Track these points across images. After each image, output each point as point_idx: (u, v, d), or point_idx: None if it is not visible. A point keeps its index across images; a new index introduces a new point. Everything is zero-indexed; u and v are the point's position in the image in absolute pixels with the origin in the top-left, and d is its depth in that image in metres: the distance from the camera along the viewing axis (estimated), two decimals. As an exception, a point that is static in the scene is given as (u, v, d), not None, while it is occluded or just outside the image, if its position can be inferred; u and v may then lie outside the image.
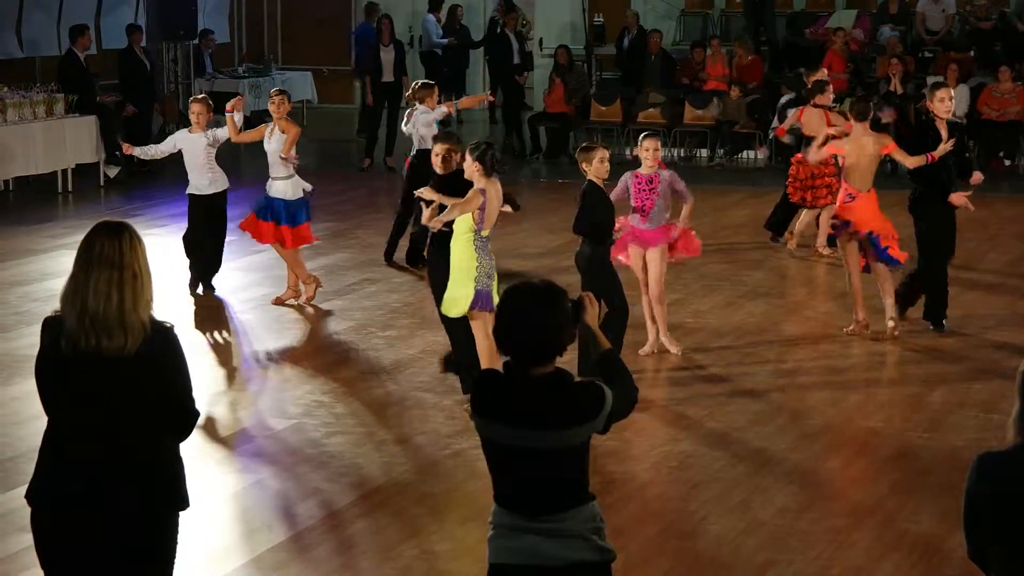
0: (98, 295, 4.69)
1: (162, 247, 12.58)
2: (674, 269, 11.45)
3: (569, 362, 4.88)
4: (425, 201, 9.24)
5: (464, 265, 9.02)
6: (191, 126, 12.17)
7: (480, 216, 8.94)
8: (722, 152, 20.19)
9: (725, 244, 14.38)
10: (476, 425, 4.64)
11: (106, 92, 19.30)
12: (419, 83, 13.44)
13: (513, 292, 4.60)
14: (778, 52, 22.32)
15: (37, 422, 4.99)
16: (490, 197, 8.99)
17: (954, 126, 11.00)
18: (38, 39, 20.09)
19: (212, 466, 8.31)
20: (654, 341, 10.50)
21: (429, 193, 9.17)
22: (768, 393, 9.81)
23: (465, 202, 8.93)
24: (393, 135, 19.42)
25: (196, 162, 12.10)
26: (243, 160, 17.49)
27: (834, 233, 11.13)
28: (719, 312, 11.83)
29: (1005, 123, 19.33)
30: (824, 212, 13.50)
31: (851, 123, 11.34)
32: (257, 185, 12.14)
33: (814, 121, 13.39)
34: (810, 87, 13.94)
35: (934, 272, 11.02)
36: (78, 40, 18.43)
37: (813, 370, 10.52)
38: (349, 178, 18.80)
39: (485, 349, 9.07)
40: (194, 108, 12.17)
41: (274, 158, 11.83)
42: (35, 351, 4.85)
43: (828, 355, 10.78)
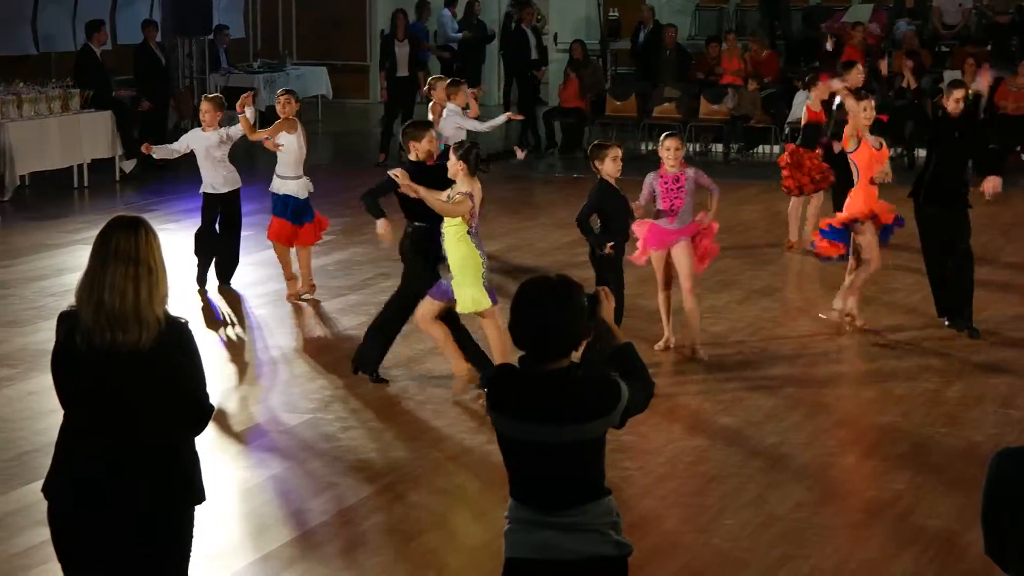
0: (113, 290, 4.69)
1: (177, 242, 12.59)
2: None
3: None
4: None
5: (469, 263, 9.10)
6: (203, 126, 12.13)
7: (473, 214, 9.05)
8: (737, 147, 20.16)
9: (740, 239, 14.35)
10: (492, 420, 4.63)
11: (121, 87, 19.33)
12: (446, 81, 13.56)
13: (528, 287, 4.59)
14: (793, 46, 22.28)
15: (54, 416, 5.00)
16: (477, 196, 9.12)
17: (968, 121, 10.92)
18: (54, 35, 20.13)
19: (226, 461, 8.32)
20: (669, 337, 10.47)
21: (404, 178, 9.20)
22: (784, 388, 9.79)
23: (454, 206, 9.01)
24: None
25: (209, 161, 12.08)
26: (258, 157, 17.51)
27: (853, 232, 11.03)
28: (734, 307, 11.81)
29: (1022, 117, 19.27)
30: (812, 203, 13.62)
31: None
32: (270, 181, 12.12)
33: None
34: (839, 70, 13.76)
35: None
36: (94, 36, 18.46)
37: (829, 365, 10.50)
38: (364, 173, 18.77)
39: (498, 343, 9.14)
40: (203, 107, 12.14)
41: (283, 157, 11.81)
42: (51, 345, 4.85)
43: (844, 350, 10.75)
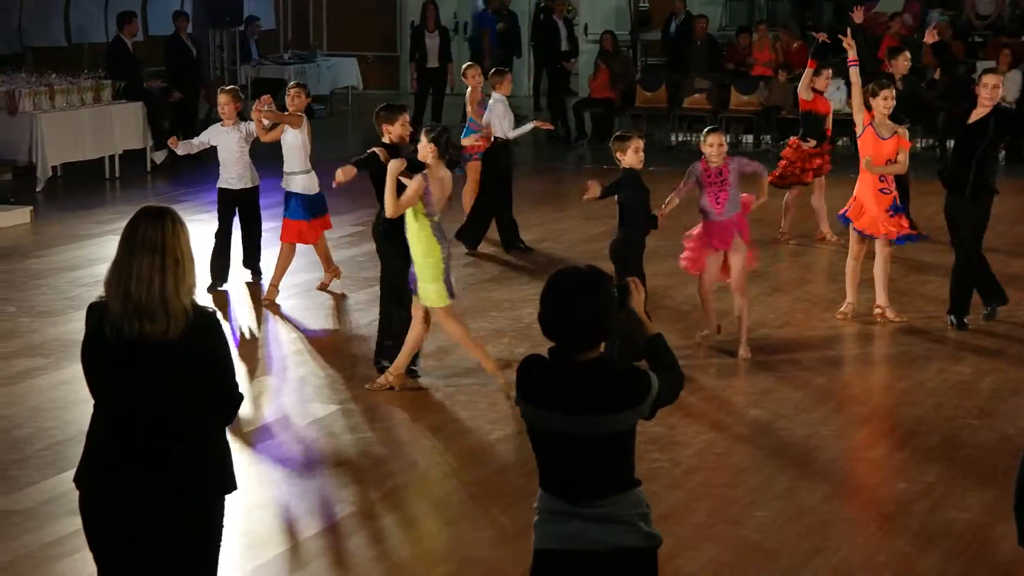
0: (140, 280, 4.70)
1: (207, 233, 12.60)
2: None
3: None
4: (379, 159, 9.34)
5: (430, 259, 9.09)
6: (222, 120, 11.93)
7: (428, 201, 9.02)
8: (768, 138, 20.09)
9: (770, 231, 14.30)
10: (521, 411, 4.63)
11: (153, 79, 19.40)
12: (478, 68, 13.70)
13: (557, 278, 4.58)
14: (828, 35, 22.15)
15: (85, 406, 5.02)
16: (440, 180, 9.09)
17: (1002, 112, 10.81)
18: (86, 26, 20.23)
19: (252, 453, 8.34)
20: (714, 324, 10.28)
21: (384, 154, 9.28)
22: (814, 380, 9.76)
23: (408, 190, 8.98)
24: (438, 120, 19.44)
25: (228, 156, 11.86)
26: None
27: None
28: (764, 299, 11.77)
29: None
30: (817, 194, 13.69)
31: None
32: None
33: None
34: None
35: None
36: (125, 27, 18.54)
37: (860, 357, 10.47)
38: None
39: (461, 336, 9.25)
40: (221, 100, 11.93)
41: (289, 153, 11.60)
42: (82, 336, 4.87)
43: (875, 342, 10.71)
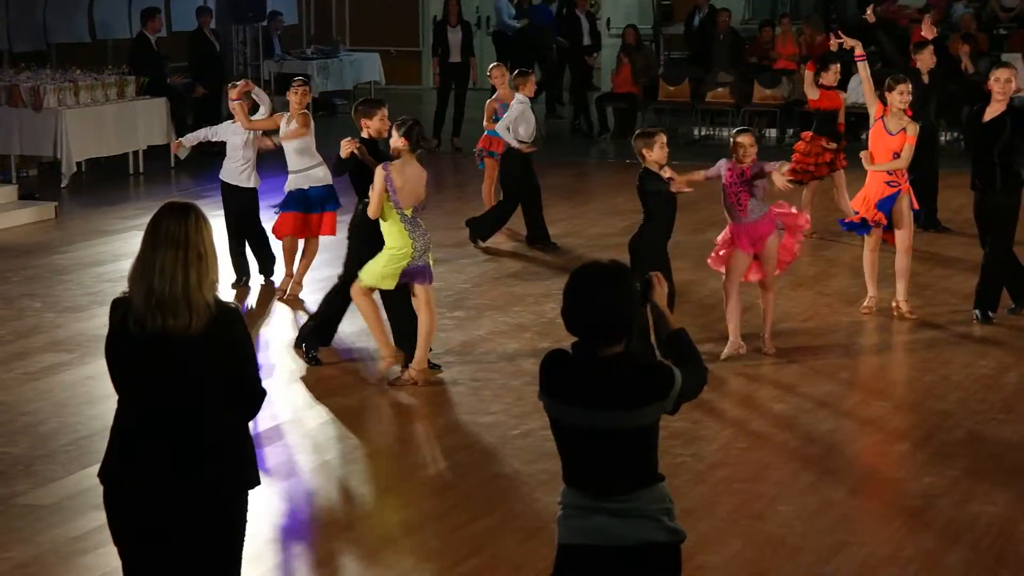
0: (163, 275, 4.72)
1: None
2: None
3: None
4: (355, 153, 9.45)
5: (399, 253, 9.12)
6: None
7: (391, 191, 9.04)
8: (792, 132, 20.02)
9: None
10: (544, 405, 4.63)
11: (176, 74, 19.45)
12: (503, 68, 13.77)
13: (580, 273, 4.58)
14: (849, 30, 22.08)
15: (110, 401, 5.03)
16: (411, 175, 9.12)
17: (1018, 110, 10.66)
18: (109, 22, 20.28)
19: (278, 446, 8.35)
20: (736, 344, 9.95)
21: (351, 144, 9.40)
22: (838, 374, 9.73)
23: (374, 189, 9.05)
24: (460, 116, 19.43)
25: (233, 153, 11.76)
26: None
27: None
28: (788, 293, 11.74)
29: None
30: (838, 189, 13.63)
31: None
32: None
33: None
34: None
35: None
36: (149, 23, 18.60)
37: (884, 351, 10.43)
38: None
39: (425, 322, 9.25)
40: (231, 95, 11.77)
41: (303, 150, 11.41)
42: (106, 331, 4.89)
43: (899, 336, 10.67)
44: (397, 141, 9.17)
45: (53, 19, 19.41)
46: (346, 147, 9.45)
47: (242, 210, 11.87)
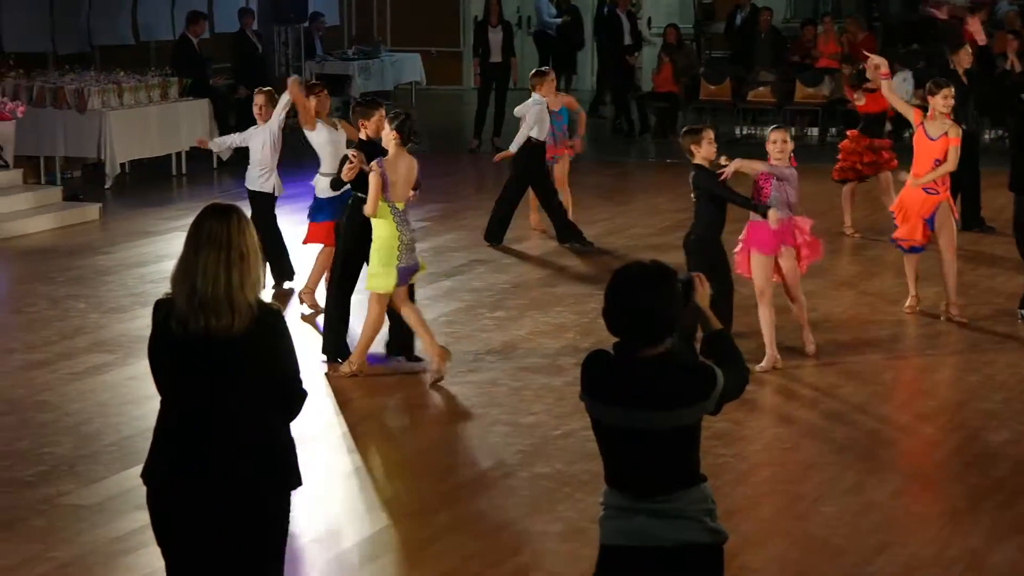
0: (206, 275, 4.74)
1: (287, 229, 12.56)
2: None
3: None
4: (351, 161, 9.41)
5: (386, 244, 9.16)
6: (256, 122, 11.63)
7: (385, 193, 9.09)
8: (834, 131, 19.94)
9: (834, 224, 14.19)
10: (586, 406, 4.63)
11: (218, 75, 19.53)
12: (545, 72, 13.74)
13: (623, 273, 4.57)
14: (892, 28, 21.99)
15: (152, 402, 5.06)
16: (403, 168, 9.16)
17: None
18: (153, 24, 20.40)
19: (322, 447, 8.38)
20: (772, 357, 9.68)
21: (359, 159, 9.35)
22: (881, 375, 9.68)
23: (371, 187, 9.06)
24: (501, 116, 19.44)
25: (254, 157, 11.59)
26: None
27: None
28: (830, 293, 11.68)
29: None
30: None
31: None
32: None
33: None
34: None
35: None
36: (192, 26, 18.73)
37: (927, 352, 10.36)
38: (457, 159, 18.85)
39: (372, 325, 9.34)
40: (257, 100, 11.68)
41: (333, 153, 10.89)
42: (149, 332, 4.91)
43: (942, 337, 10.60)
44: (388, 135, 9.22)
45: (97, 22, 19.54)
46: (348, 173, 9.36)
47: (259, 215, 11.50)
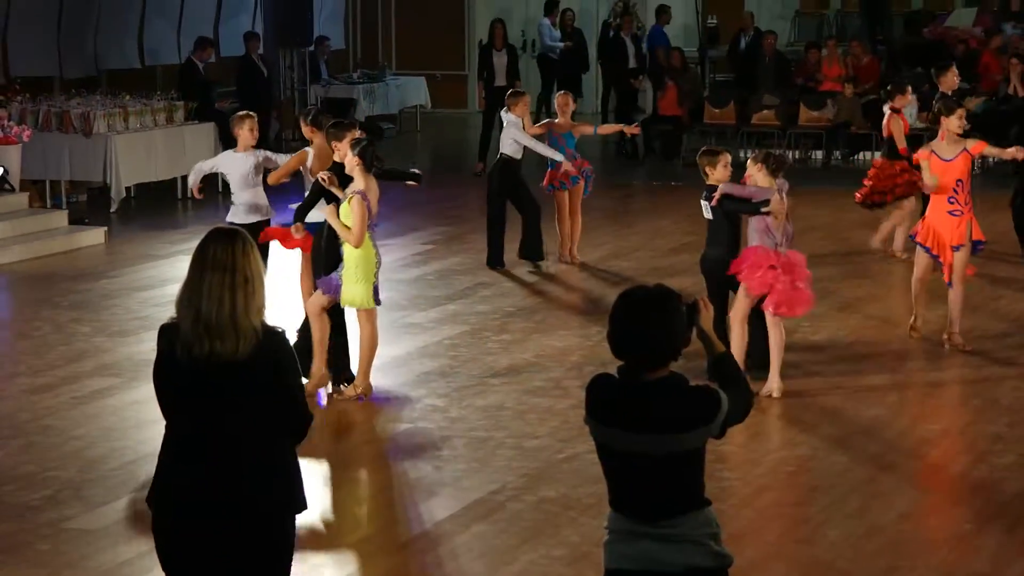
0: (211, 299, 4.75)
1: (275, 254, 12.64)
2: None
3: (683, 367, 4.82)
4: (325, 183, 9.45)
5: (363, 262, 9.28)
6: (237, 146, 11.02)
7: (371, 215, 9.23)
8: (839, 154, 19.96)
9: (841, 246, 14.20)
10: (590, 429, 4.63)
11: (224, 99, 19.58)
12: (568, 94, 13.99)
13: (627, 297, 4.58)
14: (895, 52, 22.02)
15: (157, 426, 5.07)
16: (373, 193, 9.29)
17: None
18: (158, 48, 20.46)
19: (327, 469, 8.37)
20: (773, 383, 9.54)
21: (332, 181, 9.40)
22: (887, 397, 9.67)
23: (356, 227, 9.11)
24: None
25: (239, 185, 10.87)
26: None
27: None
28: (835, 316, 11.67)
29: None
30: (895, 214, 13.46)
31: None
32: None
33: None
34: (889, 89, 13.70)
35: None
36: (199, 51, 18.80)
37: (933, 374, 10.35)
38: (463, 183, 18.87)
39: (368, 344, 9.48)
40: (247, 125, 10.91)
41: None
42: (155, 356, 4.92)
43: (947, 359, 10.58)
44: (352, 161, 9.26)
45: (103, 46, 19.59)
46: (329, 213, 9.30)
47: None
